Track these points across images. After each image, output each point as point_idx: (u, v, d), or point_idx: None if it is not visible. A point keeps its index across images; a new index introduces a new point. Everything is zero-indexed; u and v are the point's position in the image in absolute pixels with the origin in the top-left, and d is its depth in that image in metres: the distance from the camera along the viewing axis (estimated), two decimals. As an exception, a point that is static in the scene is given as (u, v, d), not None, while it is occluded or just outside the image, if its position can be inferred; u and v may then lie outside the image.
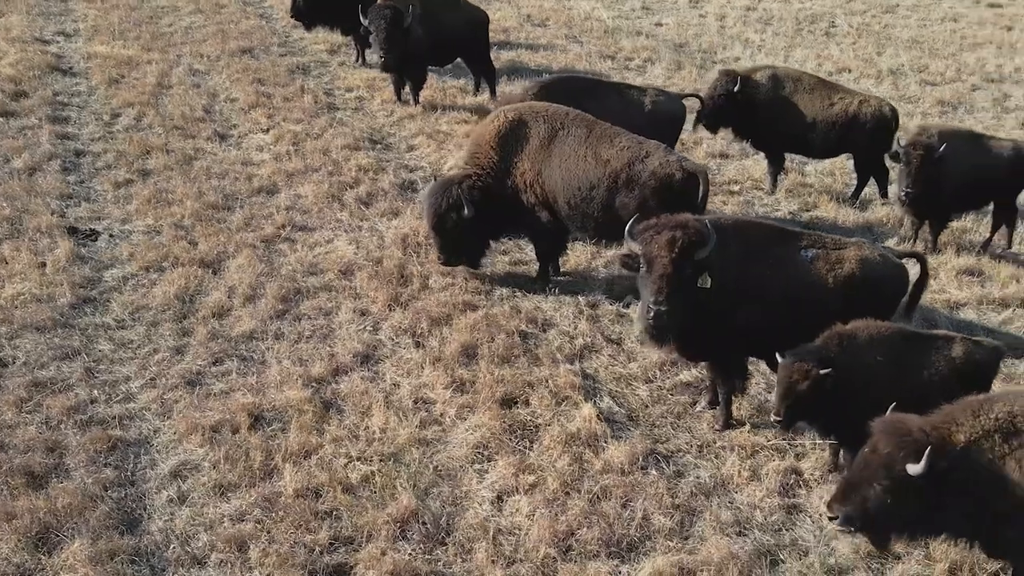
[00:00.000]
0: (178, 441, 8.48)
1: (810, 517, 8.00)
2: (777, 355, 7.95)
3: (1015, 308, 11.26)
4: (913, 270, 9.30)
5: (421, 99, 17.07)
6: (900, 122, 14.00)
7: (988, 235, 12.99)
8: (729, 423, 9.06)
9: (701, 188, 10.63)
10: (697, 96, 13.98)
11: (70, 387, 9.11)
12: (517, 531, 7.62)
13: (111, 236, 12.02)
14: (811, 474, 8.47)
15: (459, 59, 17.88)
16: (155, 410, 8.91)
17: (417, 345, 10.03)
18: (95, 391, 9.08)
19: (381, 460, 8.28)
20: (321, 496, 7.86)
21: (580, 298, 11.09)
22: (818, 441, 8.72)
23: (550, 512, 7.76)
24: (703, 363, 9.33)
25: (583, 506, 7.85)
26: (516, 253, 12.23)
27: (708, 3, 26.46)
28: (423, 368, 9.60)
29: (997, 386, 8.22)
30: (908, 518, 6.67)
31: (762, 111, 13.85)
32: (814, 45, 23.02)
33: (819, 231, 9.91)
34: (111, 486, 7.90)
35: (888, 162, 13.60)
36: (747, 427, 9.04)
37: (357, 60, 19.53)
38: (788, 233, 9.04)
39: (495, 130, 11.40)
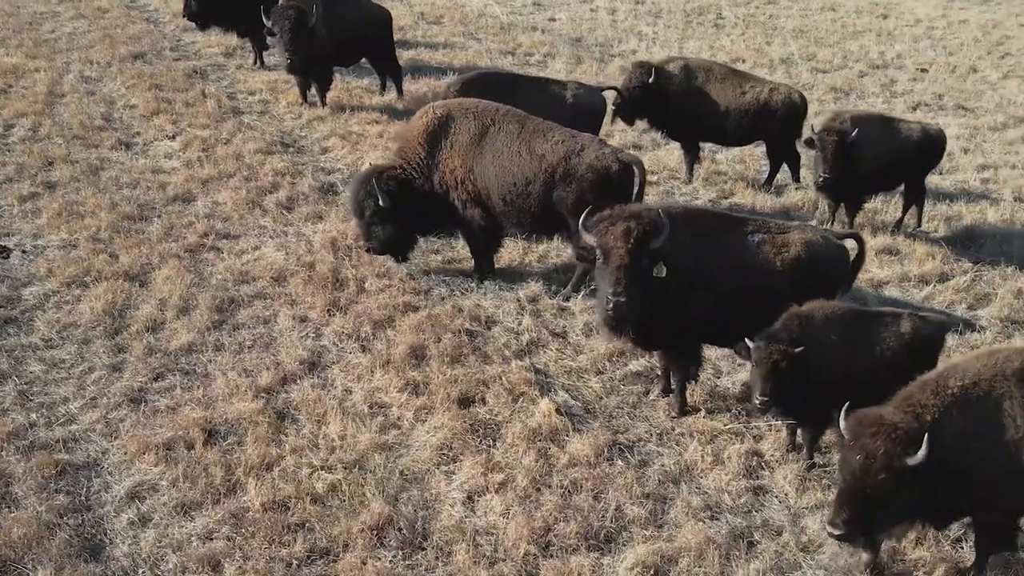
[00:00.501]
0: (130, 461, 8.13)
1: (777, 497, 8.14)
2: (747, 340, 8.05)
3: (935, 284, 11.68)
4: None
5: (328, 100, 16.78)
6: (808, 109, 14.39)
7: (900, 215, 13.45)
8: (685, 410, 9.16)
9: (637, 179, 10.72)
10: (615, 89, 14.08)
11: (5, 412, 8.65)
12: (494, 530, 7.54)
13: (24, 252, 11.47)
14: (771, 455, 8.62)
15: (364, 59, 17.64)
16: (100, 431, 8.53)
17: (363, 349, 9.85)
18: (33, 415, 8.64)
19: (345, 468, 8.10)
20: (290, 509, 7.64)
21: (519, 294, 11.06)
22: (772, 423, 8.87)
23: (524, 509, 7.72)
24: (656, 352, 9.37)
25: (556, 501, 7.82)
26: (448, 252, 12.11)
27: (598, -4, 26.74)
28: (373, 372, 9.43)
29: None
30: (904, 512, 6.75)
31: (676, 102, 14.05)
32: (705, 36, 23.52)
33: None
34: (66, 512, 7.54)
35: (800, 148, 14.00)
36: (702, 413, 9.15)
37: (255, 63, 19.12)
38: (735, 219, 9.18)
39: (423, 126, 11.31)
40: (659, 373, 9.59)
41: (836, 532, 6.55)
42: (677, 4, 26.55)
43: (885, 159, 12.65)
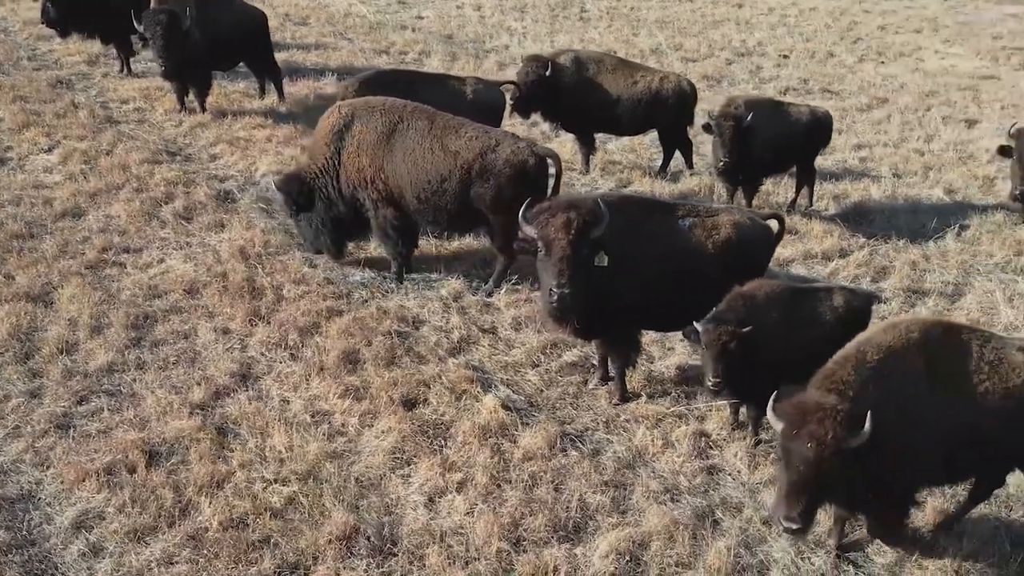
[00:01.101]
0: (69, 490, 7.69)
1: (730, 475, 8.30)
2: (695, 324, 8.16)
3: (837, 260, 12.12)
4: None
5: (207, 106, 16.27)
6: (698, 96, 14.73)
7: (794, 196, 13.90)
8: (626, 396, 9.25)
9: (554, 171, 10.78)
10: (514, 83, 14.09)
11: (-81, 450, 8.09)
12: (463, 530, 7.45)
13: (-91, 280, 10.73)
14: (718, 435, 8.79)
15: (241, 63, 17.18)
16: (30, 461, 8.04)
17: (293, 357, 9.59)
18: (-49, 449, 8.11)
19: (299, 479, 7.87)
20: (250, 525, 7.37)
21: (441, 292, 10.98)
22: (713, 404, 9.04)
23: (489, 506, 7.66)
24: (595, 340, 9.42)
25: (519, 495, 7.79)
26: (359, 253, 11.88)
27: (462, -6, 26.74)
28: (309, 380, 9.20)
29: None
30: (844, 496, 6.79)
31: (570, 94, 14.16)
32: (573, 30, 23.80)
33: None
34: (10, 549, 7.09)
35: (692, 135, 14.33)
36: (644, 398, 9.25)
37: (122, 70, 18.38)
38: (667, 205, 9.31)
39: (329, 126, 11.14)
40: (595, 362, 9.66)
41: (795, 526, 6.30)
42: (541, -1, 26.83)
43: (779, 142, 13.05)
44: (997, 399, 6.88)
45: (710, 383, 8.13)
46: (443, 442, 8.47)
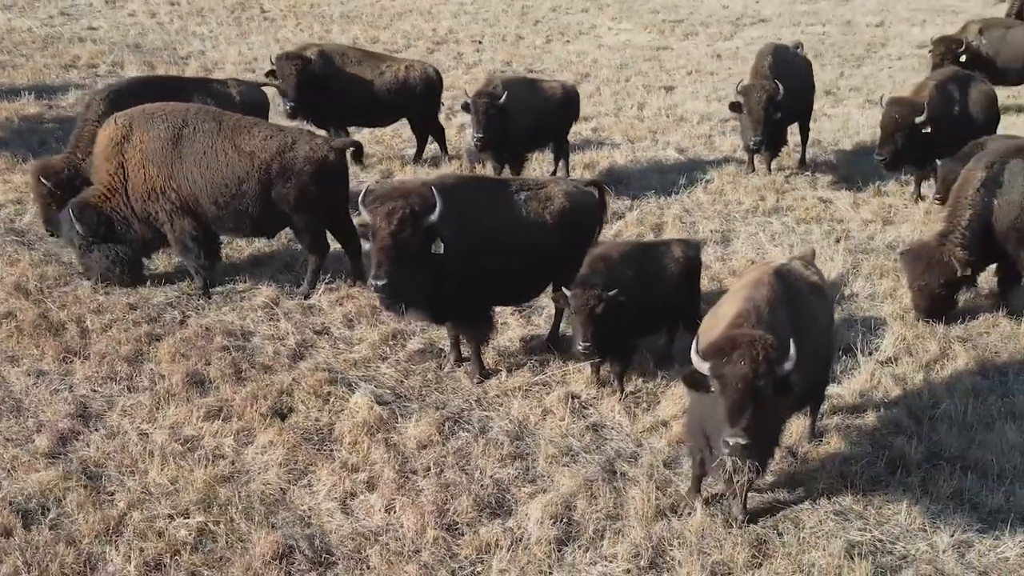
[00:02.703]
0: (-54, 573, 6.75)
1: (614, 430, 8.65)
2: (564, 289, 8.41)
3: (615, 221, 12.81)
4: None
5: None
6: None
7: (553, 168, 14.49)
8: (486, 373, 9.36)
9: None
10: (273, 84, 13.63)
11: None
12: (392, 526, 7.30)
13: None
14: (587, 395, 9.12)
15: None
16: None
17: (131, 389, 8.88)
18: None
19: (200, 509, 7.35)
20: (167, 565, 6.81)
21: (256, 301, 10.53)
22: (568, 368, 9.37)
23: (408, 499, 7.55)
24: (447, 323, 9.43)
25: (432, 483, 7.74)
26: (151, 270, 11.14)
27: (130, 1, 25.20)
28: (160, 408, 8.56)
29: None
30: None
31: (319, 89, 13.92)
32: (264, 31, 23.26)
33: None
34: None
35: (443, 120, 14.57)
36: (503, 373, 9.41)
37: None
38: (501, 182, 9.47)
39: (107, 142, 10.43)
40: (443, 346, 9.69)
41: (745, 440, 6.41)
42: (216, 1, 25.83)
43: (535, 117, 13.53)
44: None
45: (580, 347, 8.42)
46: (331, 446, 8.21)
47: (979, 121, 13.62)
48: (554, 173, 14.40)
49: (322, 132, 13.05)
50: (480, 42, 23.16)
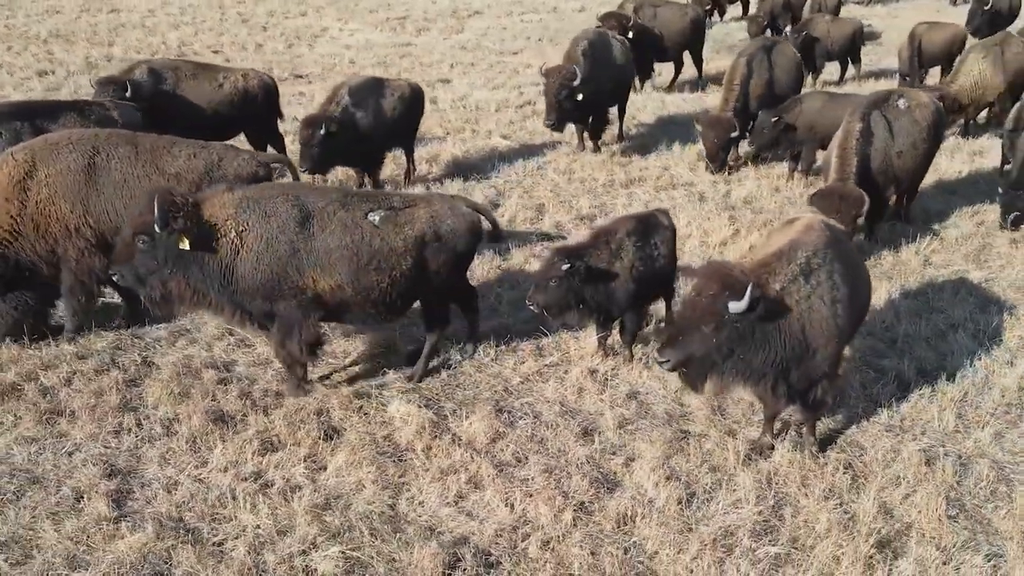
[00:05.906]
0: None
1: (650, 395, 8.97)
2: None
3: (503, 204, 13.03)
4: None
5: None
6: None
7: (407, 167, 14.37)
8: (303, 385, 8.86)
9: (289, 177, 10.34)
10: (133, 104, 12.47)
11: None
12: (527, 516, 7.23)
13: None
14: (604, 367, 9.36)
15: None
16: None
17: (149, 439, 8.05)
18: None
19: (327, 539, 6.90)
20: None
21: (206, 330, 9.83)
22: (571, 346, 9.58)
23: (523, 489, 7.50)
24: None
25: (534, 470, 7.78)
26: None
27: None
28: (198, 451, 7.86)
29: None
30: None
31: (159, 108, 12.98)
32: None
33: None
34: None
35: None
36: (511, 360, 9.46)
37: None
38: (353, 195, 8.84)
39: (6, 179, 9.26)
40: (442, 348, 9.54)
41: (659, 359, 7.09)
42: None
43: (387, 116, 13.40)
44: None
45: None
46: (408, 455, 7.96)
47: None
48: (407, 173, 14.34)
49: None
50: (216, 52, 22.21)
